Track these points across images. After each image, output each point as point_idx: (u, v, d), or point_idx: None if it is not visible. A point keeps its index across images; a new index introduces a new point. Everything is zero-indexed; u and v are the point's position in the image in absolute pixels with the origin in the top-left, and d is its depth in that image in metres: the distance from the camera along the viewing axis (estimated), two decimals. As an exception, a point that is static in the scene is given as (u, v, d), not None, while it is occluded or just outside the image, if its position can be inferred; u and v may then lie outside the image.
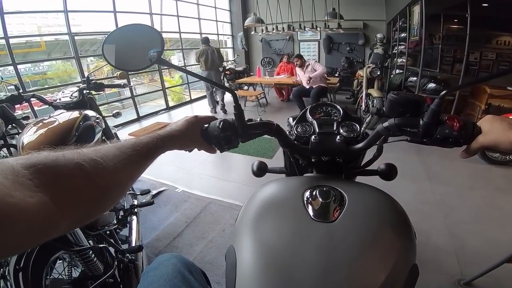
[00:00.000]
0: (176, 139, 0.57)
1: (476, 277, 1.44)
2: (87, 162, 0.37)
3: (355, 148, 0.69)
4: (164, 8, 6.50)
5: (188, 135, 0.61)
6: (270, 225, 0.57)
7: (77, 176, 0.35)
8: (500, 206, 2.18)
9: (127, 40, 0.61)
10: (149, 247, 1.81)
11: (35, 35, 5.99)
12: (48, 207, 0.30)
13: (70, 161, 0.35)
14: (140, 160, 0.47)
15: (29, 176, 0.30)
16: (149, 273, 0.68)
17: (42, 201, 0.29)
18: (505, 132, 0.49)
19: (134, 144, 0.47)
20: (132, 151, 0.45)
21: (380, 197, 0.64)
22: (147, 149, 0.49)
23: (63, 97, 1.70)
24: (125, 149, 0.45)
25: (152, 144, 0.50)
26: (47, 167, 0.32)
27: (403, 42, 5.26)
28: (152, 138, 0.51)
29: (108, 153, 0.41)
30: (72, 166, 0.35)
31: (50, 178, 0.32)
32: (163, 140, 0.53)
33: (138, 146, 0.47)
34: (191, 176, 2.88)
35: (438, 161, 2.93)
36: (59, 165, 0.34)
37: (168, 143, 0.55)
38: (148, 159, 0.49)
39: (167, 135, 0.55)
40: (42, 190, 0.30)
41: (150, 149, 0.49)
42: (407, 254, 0.55)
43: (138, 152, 0.46)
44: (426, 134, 0.58)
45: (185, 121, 0.61)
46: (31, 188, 0.29)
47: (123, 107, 7.35)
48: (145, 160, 0.49)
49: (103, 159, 0.39)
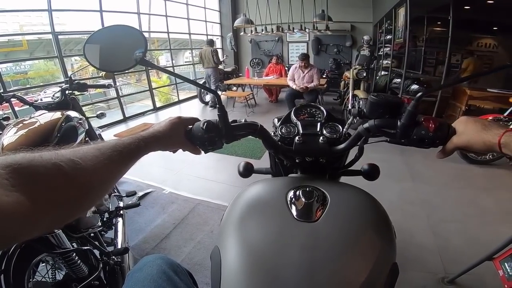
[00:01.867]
0: (159, 140, 0.57)
1: (459, 275, 1.48)
2: (65, 163, 0.37)
3: (337, 149, 0.71)
4: (152, 7, 6.42)
5: (172, 136, 0.60)
6: (254, 226, 0.58)
7: (54, 176, 0.35)
8: (481, 204, 2.25)
9: (110, 41, 0.60)
10: (136, 249, 1.78)
11: (17, 33, 5.82)
12: (25, 206, 0.30)
13: (47, 161, 0.35)
14: (121, 161, 0.47)
15: (5, 175, 0.30)
16: (134, 274, 0.67)
17: (19, 200, 0.29)
18: (478, 132, 0.51)
19: (116, 145, 0.47)
20: (113, 151, 0.45)
21: (361, 197, 0.65)
22: (128, 150, 0.48)
23: (44, 98, 1.66)
24: (105, 149, 0.44)
25: (134, 145, 0.50)
26: (24, 167, 0.32)
27: (388, 44, 5.38)
28: (134, 139, 0.51)
29: (88, 154, 0.41)
30: (49, 166, 0.35)
31: (27, 178, 0.32)
32: (146, 141, 0.53)
33: (119, 147, 0.47)
34: (179, 177, 2.85)
35: (421, 161, 3.00)
36: (36, 165, 0.34)
37: (151, 144, 0.54)
38: (130, 160, 0.49)
39: (150, 136, 0.55)
40: (19, 189, 0.30)
41: (132, 150, 0.49)
42: (387, 253, 0.56)
43: (119, 153, 0.46)
44: (403, 135, 0.59)
45: (169, 122, 0.61)
46: (7, 187, 0.29)
47: (109, 107, 7.21)
48: (126, 161, 0.48)
49: (82, 159, 0.39)
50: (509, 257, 1.22)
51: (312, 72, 4.78)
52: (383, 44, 5.79)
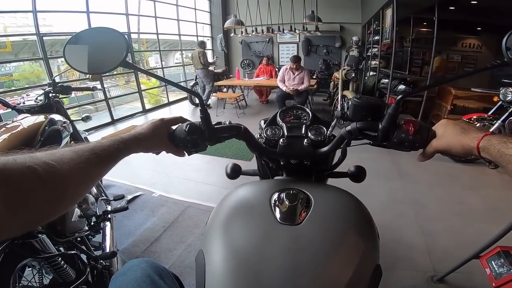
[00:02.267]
0: (140, 142, 0.57)
1: (447, 273, 1.49)
2: (40, 166, 0.36)
3: (320, 152, 0.71)
4: (142, 9, 6.34)
5: (154, 138, 0.60)
6: (238, 229, 0.58)
7: (28, 179, 0.35)
8: (467, 202, 2.30)
9: (91, 43, 0.60)
10: (125, 253, 1.76)
11: (1, 35, 5.66)
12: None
13: (21, 164, 0.35)
14: (99, 164, 0.46)
15: None
16: (118, 278, 0.67)
17: None
18: (457, 136, 0.51)
19: (94, 147, 0.46)
20: (90, 154, 0.45)
21: (345, 199, 0.65)
22: (107, 153, 0.48)
23: (27, 101, 1.62)
24: (82, 152, 0.44)
25: (114, 147, 0.50)
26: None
27: (376, 45, 5.46)
28: (114, 141, 0.51)
29: (64, 157, 0.41)
30: (23, 169, 0.35)
31: (1, 181, 0.32)
32: (126, 143, 0.53)
33: (97, 150, 0.47)
34: (168, 180, 2.83)
35: (409, 160, 3.03)
36: (9, 168, 0.34)
37: (131, 146, 0.54)
38: (108, 162, 0.49)
39: (130, 138, 0.55)
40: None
41: (111, 152, 0.49)
42: (370, 254, 0.56)
43: (97, 155, 0.46)
44: (384, 138, 0.59)
45: (151, 124, 0.61)
46: None
47: (96, 109, 7.07)
48: (105, 163, 0.48)
49: (57, 162, 0.39)
50: (496, 256, 1.23)
51: (303, 74, 4.79)
52: (372, 45, 5.88)
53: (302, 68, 4.89)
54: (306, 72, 4.84)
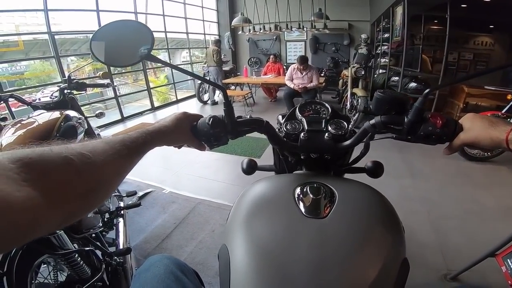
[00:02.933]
0: (165, 135, 0.57)
1: (461, 271, 1.48)
2: (76, 156, 0.36)
3: (343, 145, 0.70)
4: (149, 7, 6.38)
5: (178, 131, 0.60)
6: (262, 223, 0.57)
7: (65, 171, 0.34)
8: (480, 201, 2.26)
9: (116, 36, 0.60)
10: (137, 250, 1.77)
11: (13, 34, 5.75)
12: (38, 201, 0.29)
13: (57, 155, 0.34)
14: (129, 155, 0.46)
15: (15, 170, 0.29)
16: (141, 275, 0.67)
17: (31, 196, 0.28)
18: (485, 129, 0.51)
19: (123, 139, 0.46)
20: (121, 145, 0.45)
21: (368, 192, 0.65)
22: (136, 144, 0.48)
23: (42, 97, 1.64)
24: (113, 144, 0.44)
25: (142, 139, 0.50)
26: (34, 161, 0.31)
27: (386, 43, 5.39)
28: (141, 133, 0.51)
29: (97, 148, 0.40)
30: (59, 161, 0.34)
31: (38, 172, 0.31)
32: (152, 135, 0.53)
33: (127, 141, 0.46)
34: (178, 177, 2.84)
35: (420, 158, 3.01)
36: (46, 159, 0.33)
37: (157, 139, 0.54)
38: (137, 154, 0.49)
39: (156, 130, 0.55)
40: (30, 184, 0.29)
41: (138, 144, 0.49)
42: (397, 248, 0.55)
43: (127, 147, 0.46)
44: (410, 132, 0.59)
45: (174, 117, 0.61)
46: (18, 182, 0.28)
47: (106, 107, 7.17)
48: (134, 155, 0.48)
49: (92, 153, 0.38)
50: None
51: (311, 73, 4.75)
52: (381, 43, 5.80)
53: (310, 67, 4.84)
54: (314, 70, 4.80)
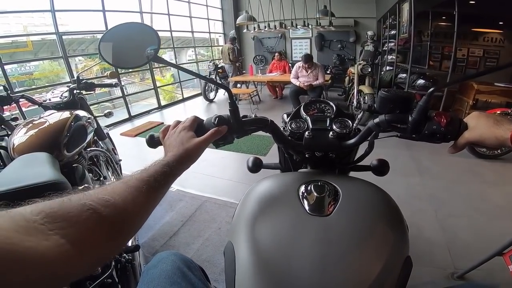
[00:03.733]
0: (182, 160, 0.55)
1: (468, 270, 1.47)
2: (95, 202, 0.37)
3: (347, 144, 0.71)
4: (154, 6, 6.42)
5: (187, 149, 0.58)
6: (267, 220, 0.58)
7: (87, 217, 0.35)
8: (489, 199, 2.23)
9: (124, 38, 0.61)
10: (145, 247, 1.80)
11: (22, 34, 5.85)
12: (66, 248, 0.30)
13: (76, 202, 0.35)
14: (150, 191, 0.46)
15: (40, 221, 0.30)
16: (149, 271, 0.69)
17: (58, 244, 0.29)
18: (490, 128, 0.51)
19: (141, 176, 0.46)
20: (139, 182, 0.45)
21: (372, 190, 0.65)
22: (155, 178, 0.47)
23: (53, 98, 1.68)
24: (132, 182, 0.44)
25: (160, 172, 0.49)
26: (56, 211, 0.32)
27: (392, 39, 5.32)
28: (158, 166, 0.50)
29: (115, 189, 0.41)
30: (80, 208, 0.35)
31: (62, 221, 0.32)
32: (170, 165, 0.51)
33: (145, 177, 0.46)
34: (185, 175, 2.74)
35: (428, 156, 2.98)
36: (67, 207, 0.34)
37: (176, 166, 0.53)
38: (159, 188, 0.48)
39: (172, 159, 0.53)
40: (57, 233, 0.30)
41: (158, 178, 0.48)
42: (400, 246, 0.56)
43: (146, 182, 0.45)
44: (415, 130, 0.59)
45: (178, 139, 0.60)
46: (45, 232, 0.29)
47: (114, 106, 7.26)
48: (155, 189, 0.47)
49: (111, 195, 0.39)
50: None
51: (317, 70, 4.73)
52: (388, 39, 5.73)
53: (316, 65, 4.82)
54: (320, 68, 4.78)
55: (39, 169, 1.00)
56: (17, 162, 1.08)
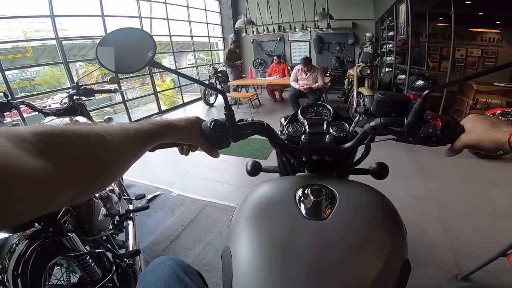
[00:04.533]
0: (177, 131, 0.58)
1: (472, 271, 1.46)
2: (93, 135, 0.39)
3: (343, 147, 0.70)
4: (153, 11, 6.46)
5: (189, 130, 0.61)
6: (264, 224, 0.58)
7: (82, 146, 0.37)
8: (492, 200, 2.22)
9: (119, 44, 0.61)
10: (146, 251, 1.80)
11: (22, 40, 5.88)
12: (51, 172, 0.30)
13: (77, 131, 0.37)
14: (140, 143, 0.49)
15: (34, 142, 0.31)
16: (146, 276, 0.69)
17: (45, 166, 0.30)
18: (487, 130, 0.50)
19: (138, 128, 0.49)
20: (135, 133, 0.48)
21: (370, 194, 0.65)
22: (149, 135, 0.51)
23: (53, 104, 1.69)
24: (129, 130, 0.47)
25: (154, 130, 0.52)
26: (54, 136, 0.34)
27: (391, 41, 5.34)
28: (154, 125, 0.53)
29: (114, 131, 0.44)
30: (78, 136, 0.37)
31: (55, 146, 0.33)
32: (165, 128, 0.55)
33: (142, 130, 0.50)
34: (186, 179, 2.87)
35: (430, 157, 2.98)
36: (66, 134, 0.36)
37: (169, 133, 0.56)
38: (147, 144, 0.51)
39: (168, 124, 0.57)
40: (46, 156, 0.31)
41: (152, 135, 0.51)
42: (398, 249, 0.56)
43: (140, 135, 0.49)
44: (410, 133, 0.58)
45: (187, 118, 0.62)
46: (34, 153, 0.30)
47: (115, 112, 7.26)
48: (145, 143, 0.51)
49: (109, 134, 0.41)
50: (524, 253, 1.20)
51: (316, 73, 4.74)
52: (386, 41, 5.75)
53: (315, 67, 4.83)
54: (319, 71, 4.79)
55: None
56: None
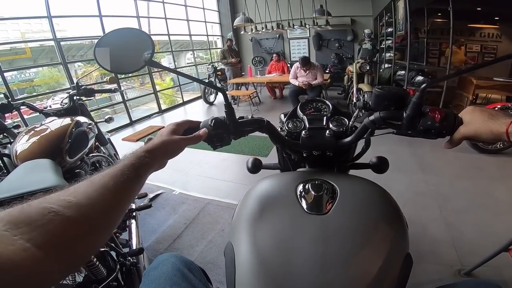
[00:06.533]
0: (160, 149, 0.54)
1: (475, 266, 1.45)
2: (56, 204, 0.36)
3: (343, 142, 0.71)
4: (151, 10, 6.44)
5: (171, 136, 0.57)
6: (265, 220, 0.59)
7: (49, 220, 0.34)
8: (493, 194, 2.22)
9: (118, 44, 0.61)
10: (150, 250, 1.80)
11: (20, 41, 5.87)
12: (33, 253, 0.29)
13: (36, 206, 0.34)
14: (119, 186, 0.44)
15: (2, 228, 0.30)
16: (150, 273, 0.69)
17: (24, 247, 0.29)
18: (485, 122, 0.50)
19: (108, 171, 0.45)
20: (107, 178, 0.43)
21: (371, 188, 0.65)
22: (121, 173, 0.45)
23: (53, 104, 1.69)
24: (98, 179, 0.43)
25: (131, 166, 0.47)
26: (16, 217, 0.32)
27: (390, 37, 5.33)
28: (130, 158, 0.49)
29: (79, 189, 0.40)
30: (40, 211, 0.34)
31: (24, 226, 0.31)
32: (143, 156, 0.50)
33: (113, 172, 0.45)
34: (187, 178, 2.87)
35: (430, 152, 2.98)
36: (27, 213, 0.33)
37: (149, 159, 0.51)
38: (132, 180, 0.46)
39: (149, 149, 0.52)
40: (21, 237, 0.30)
41: (129, 172, 0.46)
42: (399, 243, 0.56)
43: (112, 178, 0.44)
44: (409, 126, 0.59)
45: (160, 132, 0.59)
46: (10, 237, 0.29)
47: (115, 112, 7.26)
48: (126, 184, 0.45)
49: (73, 195, 0.38)
50: (526, 248, 1.20)
51: (315, 70, 4.73)
52: (385, 37, 5.75)
53: (314, 65, 4.82)
54: (318, 68, 4.79)
55: (42, 175, 1.01)
56: (20, 169, 1.09)
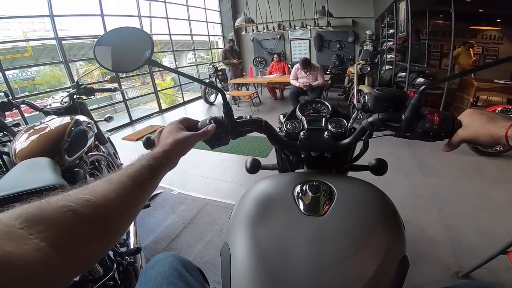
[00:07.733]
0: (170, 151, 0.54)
1: (473, 269, 1.45)
2: (75, 202, 0.36)
3: (342, 144, 0.71)
4: (153, 10, 6.45)
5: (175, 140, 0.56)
6: (263, 221, 0.59)
7: (66, 218, 0.34)
8: (493, 197, 2.21)
9: (117, 43, 0.61)
10: (148, 250, 1.81)
11: (22, 40, 5.88)
12: (47, 251, 0.29)
13: (55, 204, 0.34)
14: (137, 185, 0.44)
15: (18, 226, 0.30)
16: (147, 272, 0.69)
17: (39, 247, 0.29)
18: (484, 125, 0.50)
19: (126, 172, 0.45)
20: (125, 178, 0.43)
21: (368, 190, 0.65)
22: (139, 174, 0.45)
23: (53, 103, 1.69)
24: (116, 179, 0.43)
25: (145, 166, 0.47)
26: (34, 214, 0.32)
27: (391, 38, 5.33)
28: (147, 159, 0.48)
29: (97, 188, 0.40)
30: (59, 210, 0.34)
31: (41, 225, 0.31)
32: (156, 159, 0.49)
33: (131, 173, 0.45)
34: (187, 178, 2.87)
35: (430, 154, 2.97)
36: (45, 210, 0.33)
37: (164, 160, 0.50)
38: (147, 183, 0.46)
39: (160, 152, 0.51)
40: (37, 236, 0.30)
41: (146, 172, 0.46)
42: (396, 245, 0.56)
43: (131, 178, 0.44)
44: (408, 129, 0.58)
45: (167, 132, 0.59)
46: (25, 236, 0.29)
47: (115, 111, 7.26)
48: (143, 184, 0.45)
49: (92, 195, 0.38)
50: (524, 251, 1.20)
51: (316, 71, 4.74)
52: (386, 39, 5.74)
53: (314, 66, 4.83)
54: (319, 69, 4.79)
55: (41, 174, 1.01)
56: (19, 167, 1.09)
